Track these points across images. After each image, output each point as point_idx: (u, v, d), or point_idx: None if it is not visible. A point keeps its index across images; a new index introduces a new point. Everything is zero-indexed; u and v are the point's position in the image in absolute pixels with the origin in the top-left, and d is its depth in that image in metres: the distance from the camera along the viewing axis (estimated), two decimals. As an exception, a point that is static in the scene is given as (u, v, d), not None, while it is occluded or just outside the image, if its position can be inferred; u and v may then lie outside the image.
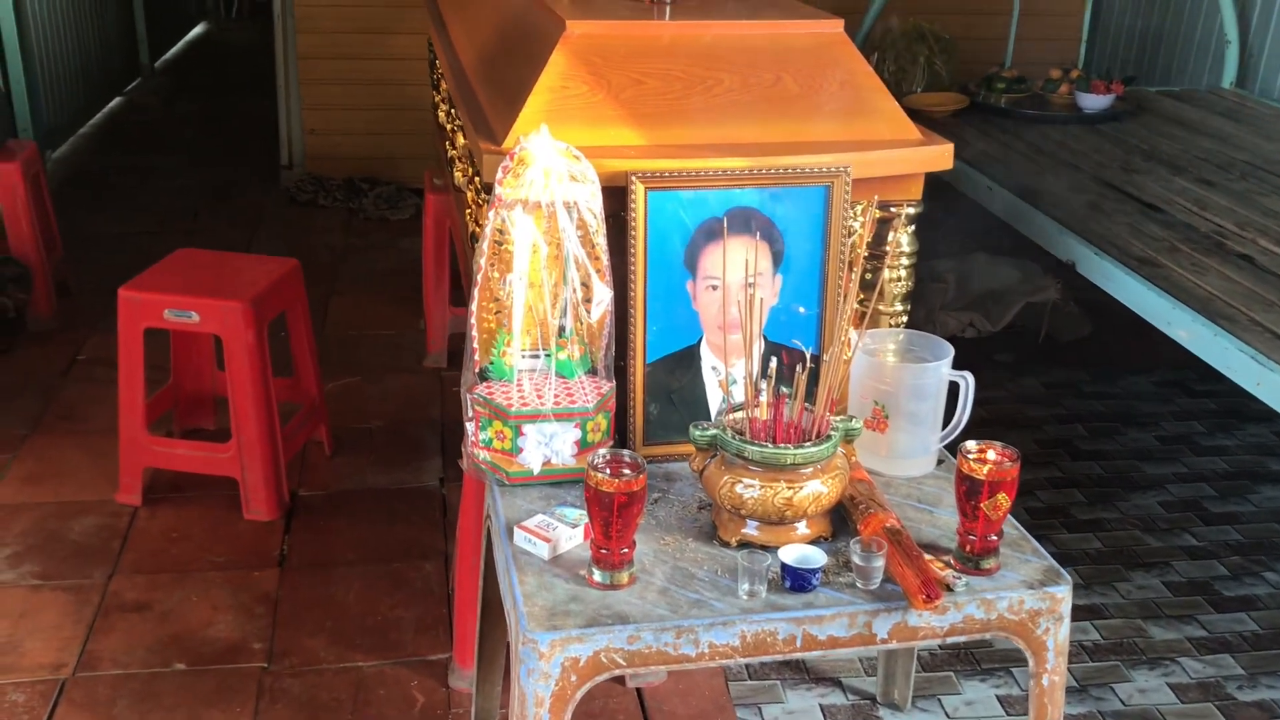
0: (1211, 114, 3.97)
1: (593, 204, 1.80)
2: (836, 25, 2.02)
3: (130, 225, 4.85)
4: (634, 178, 1.81)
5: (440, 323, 3.73)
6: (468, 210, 2.59)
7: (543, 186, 1.79)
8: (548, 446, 1.82)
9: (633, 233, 1.83)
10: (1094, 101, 3.85)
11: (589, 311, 1.84)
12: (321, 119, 5.24)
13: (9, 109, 4.09)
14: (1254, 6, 4.47)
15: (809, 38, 2.01)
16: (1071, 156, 3.46)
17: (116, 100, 6.64)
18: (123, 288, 2.77)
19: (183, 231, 4.80)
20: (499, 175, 1.80)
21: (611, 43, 1.95)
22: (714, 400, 1.93)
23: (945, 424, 1.92)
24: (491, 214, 1.83)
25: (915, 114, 2.17)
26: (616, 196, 1.84)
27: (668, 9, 2.12)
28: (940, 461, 1.93)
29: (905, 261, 2.03)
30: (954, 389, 1.91)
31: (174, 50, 8.04)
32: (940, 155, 1.96)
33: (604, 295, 1.83)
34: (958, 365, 1.90)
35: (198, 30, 8.81)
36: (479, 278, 1.85)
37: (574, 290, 1.83)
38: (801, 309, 1.93)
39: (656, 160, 1.84)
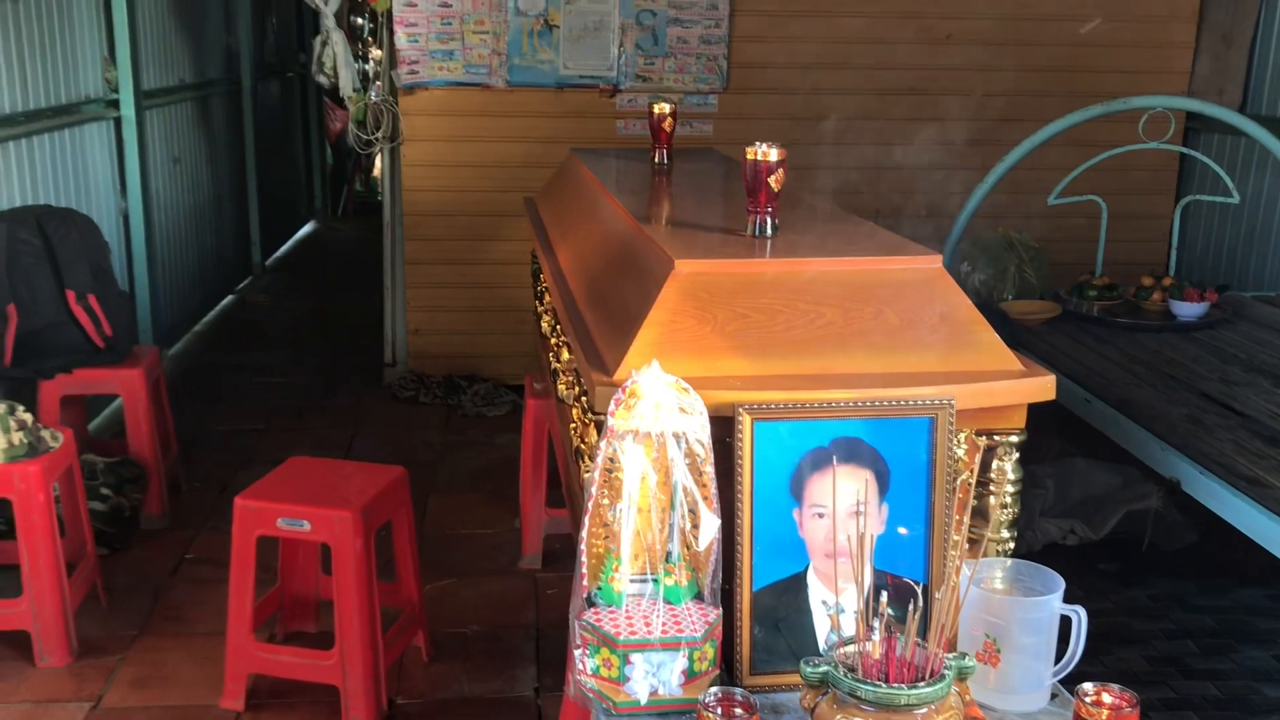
0: (1310, 321, 3.95)
1: (701, 435, 1.86)
2: (935, 260, 2.09)
3: (238, 422, 5.04)
4: (741, 409, 1.87)
5: (536, 524, 3.78)
6: (572, 426, 2.67)
7: (653, 418, 1.85)
8: (655, 676, 1.82)
9: (740, 462, 1.88)
10: (1188, 309, 3.86)
11: (696, 538, 1.87)
12: (425, 319, 5.46)
13: (133, 315, 4.33)
14: (1345, 213, 4.49)
15: (908, 272, 2.08)
16: (1168, 366, 3.46)
17: (228, 298, 7.00)
18: (239, 497, 2.88)
19: (289, 429, 4.98)
20: (611, 407, 1.87)
21: (717, 280, 2.04)
22: (821, 628, 1.93)
23: (1059, 654, 1.89)
24: (603, 444, 1.88)
25: (1008, 321, 2.21)
26: (723, 425, 1.89)
27: (769, 243, 2.22)
28: (1054, 695, 1.89)
29: (1010, 489, 2.03)
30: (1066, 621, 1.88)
31: (283, 249, 8.48)
32: (1042, 387, 1.98)
33: (712, 523, 1.86)
34: (1059, 570, 1.88)
35: (306, 229, 9.30)
36: (589, 504, 1.90)
37: (682, 517, 1.87)
38: (903, 530, 1.94)
39: (762, 392, 1.90)
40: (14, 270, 3.75)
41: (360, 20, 8.92)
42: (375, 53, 10.02)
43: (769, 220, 2.26)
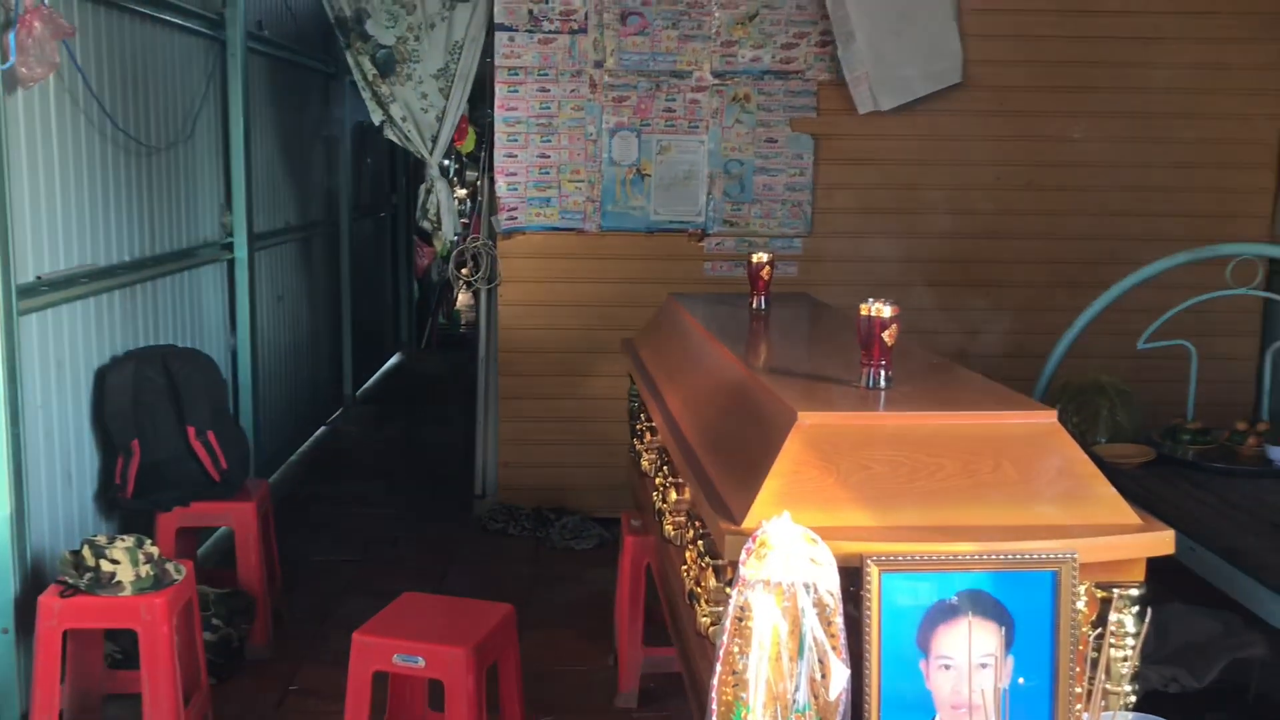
0: None
1: (830, 585, 1.92)
2: (1050, 415, 2.17)
3: (335, 552, 5.16)
4: (869, 561, 1.94)
5: (634, 662, 3.81)
6: (684, 568, 2.74)
7: (784, 569, 1.92)
8: (787, 824, 1.85)
9: (868, 613, 1.94)
10: (1286, 455, 3.86)
11: (826, 688, 1.92)
12: (516, 452, 5.59)
13: (247, 450, 4.51)
14: None
15: (1025, 427, 2.15)
16: (1270, 513, 3.45)
17: (321, 429, 7.21)
18: (357, 633, 2.97)
19: (384, 560, 5.09)
20: (742, 556, 1.95)
21: (840, 432, 2.13)
22: (947, 780, 1.95)
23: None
24: (734, 592, 1.95)
25: (1102, 465, 2.25)
26: (848, 575, 1.95)
27: (883, 395, 2.31)
28: None
29: (1130, 642, 2.06)
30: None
31: (372, 380, 8.74)
32: (1161, 541, 2.03)
33: (842, 673, 1.91)
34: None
35: (393, 361, 9.58)
36: (720, 652, 1.96)
37: (811, 667, 1.92)
38: (1021, 680, 1.97)
39: (887, 543, 1.96)
40: (139, 406, 3.95)
41: (445, 162, 9.33)
42: (459, 192, 10.46)
43: (882, 373, 2.35)
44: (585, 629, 4.39)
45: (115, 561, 3.22)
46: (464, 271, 5.71)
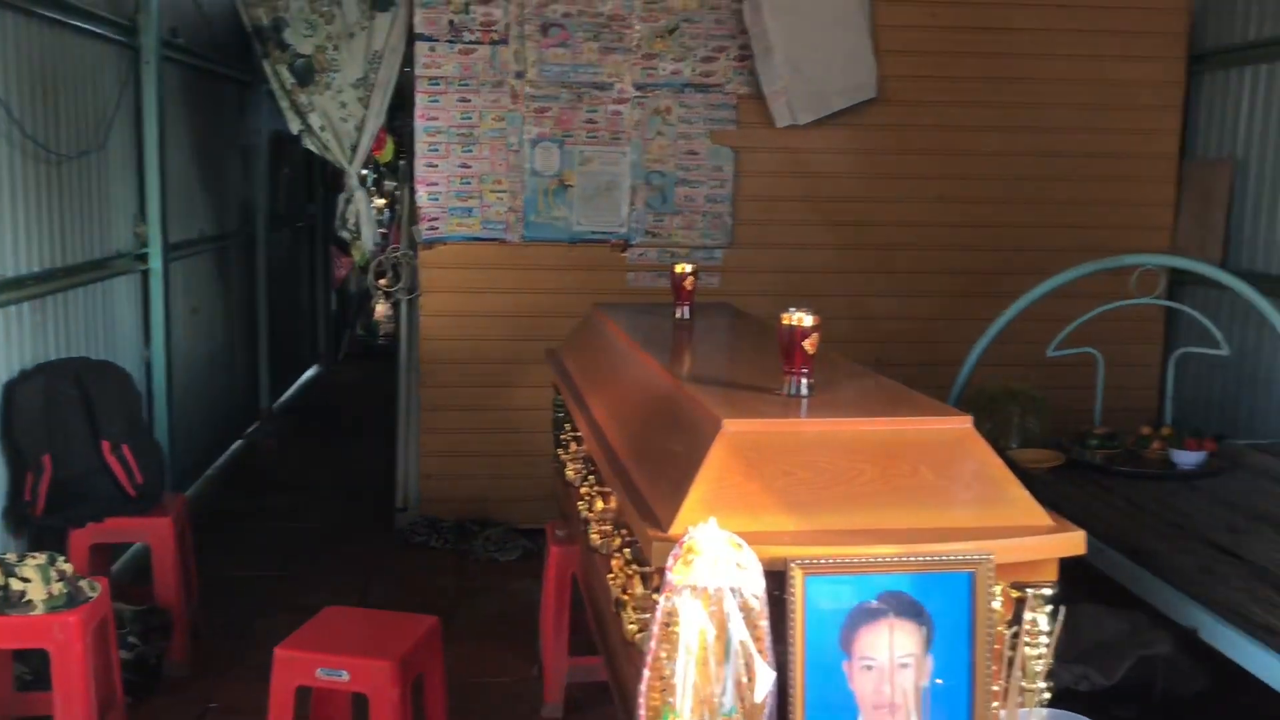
0: (1304, 469, 4.09)
1: (756, 589, 1.96)
2: (965, 421, 2.23)
3: (254, 567, 5.08)
4: (793, 564, 1.98)
5: (559, 672, 3.82)
6: (611, 576, 2.76)
7: (710, 574, 1.95)
8: (715, 826, 1.88)
9: (792, 615, 1.98)
10: (1188, 458, 4.00)
11: (752, 691, 1.95)
12: (438, 464, 5.56)
13: (163, 464, 4.42)
14: (1330, 363, 4.69)
15: (941, 432, 2.22)
16: (1174, 515, 3.58)
17: (238, 442, 7.09)
18: (279, 647, 2.94)
19: (304, 574, 5.02)
20: (669, 562, 1.97)
21: (763, 439, 2.17)
22: (869, 778, 2.00)
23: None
24: (662, 599, 1.98)
25: (1015, 469, 2.32)
26: (773, 578, 1.99)
27: (804, 403, 2.36)
28: (1096, 844, 1.96)
29: (1044, 640, 2.13)
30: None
31: (289, 392, 8.61)
32: (1073, 541, 2.11)
33: (767, 676, 1.95)
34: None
35: (311, 373, 9.45)
36: (648, 658, 1.99)
37: (737, 670, 1.96)
38: (940, 680, 2.03)
39: (812, 547, 2.01)
40: (51, 421, 3.86)
41: (364, 171, 9.25)
42: (378, 202, 10.37)
43: (804, 381, 2.40)
44: (510, 640, 4.38)
45: (26, 580, 3.15)
46: (383, 282, 5.67)
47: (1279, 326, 4.70)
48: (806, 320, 2.38)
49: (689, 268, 3.62)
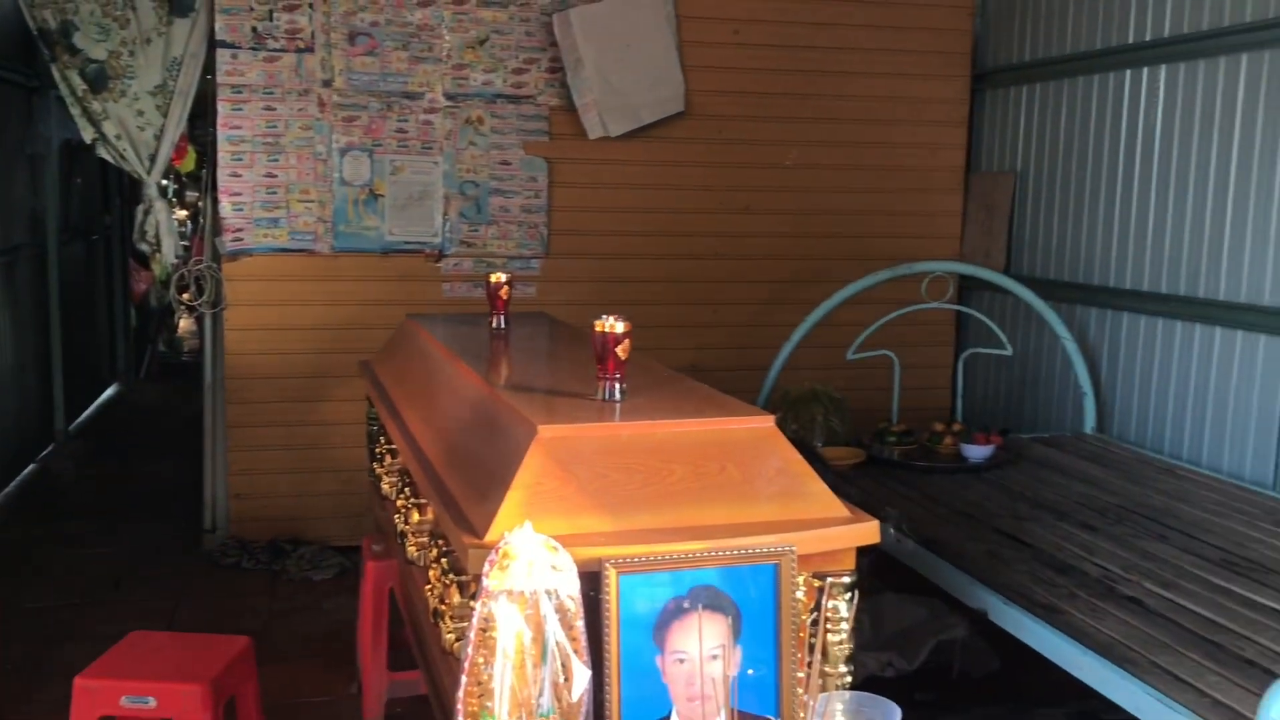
0: (1080, 459, 4.42)
1: (571, 590, 2.00)
2: (768, 420, 2.34)
3: (51, 598, 4.82)
4: (607, 564, 2.03)
5: (378, 688, 3.76)
6: (429, 587, 2.76)
7: (526, 578, 1.99)
8: (535, 825, 1.91)
9: (607, 614, 2.03)
10: (977, 452, 4.27)
11: (569, 691, 2.00)
12: (247, 483, 5.40)
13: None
14: (1101, 361, 5.08)
15: (746, 432, 2.32)
16: (964, 505, 3.81)
17: (30, 467, 6.70)
18: (79, 677, 2.81)
19: (106, 601, 4.79)
20: (485, 568, 2.00)
21: (577, 443, 2.22)
22: (685, 769, 2.07)
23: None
24: (478, 604, 2.00)
25: (822, 467, 2.45)
26: (588, 579, 2.04)
27: (618, 407, 2.42)
28: (897, 816, 2.08)
29: (845, 626, 2.25)
30: (903, 745, 2.08)
31: (87, 413, 8.19)
32: (869, 531, 2.23)
33: (583, 675, 1.99)
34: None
35: (110, 392, 9.01)
36: (465, 664, 2.00)
37: (555, 671, 2.00)
38: (750, 671, 2.12)
39: (625, 546, 2.07)
40: None
41: (164, 182, 8.88)
42: (179, 213, 9.97)
43: (617, 385, 2.47)
44: (327, 659, 4.30)
45: None
46: (186, 296, 5.46)
47: (1057, 328, 5.08)
48: (619, 327, 2.45)
49: (504, 277, 3.64)
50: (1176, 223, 4.66)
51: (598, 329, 2.45)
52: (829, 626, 2.20)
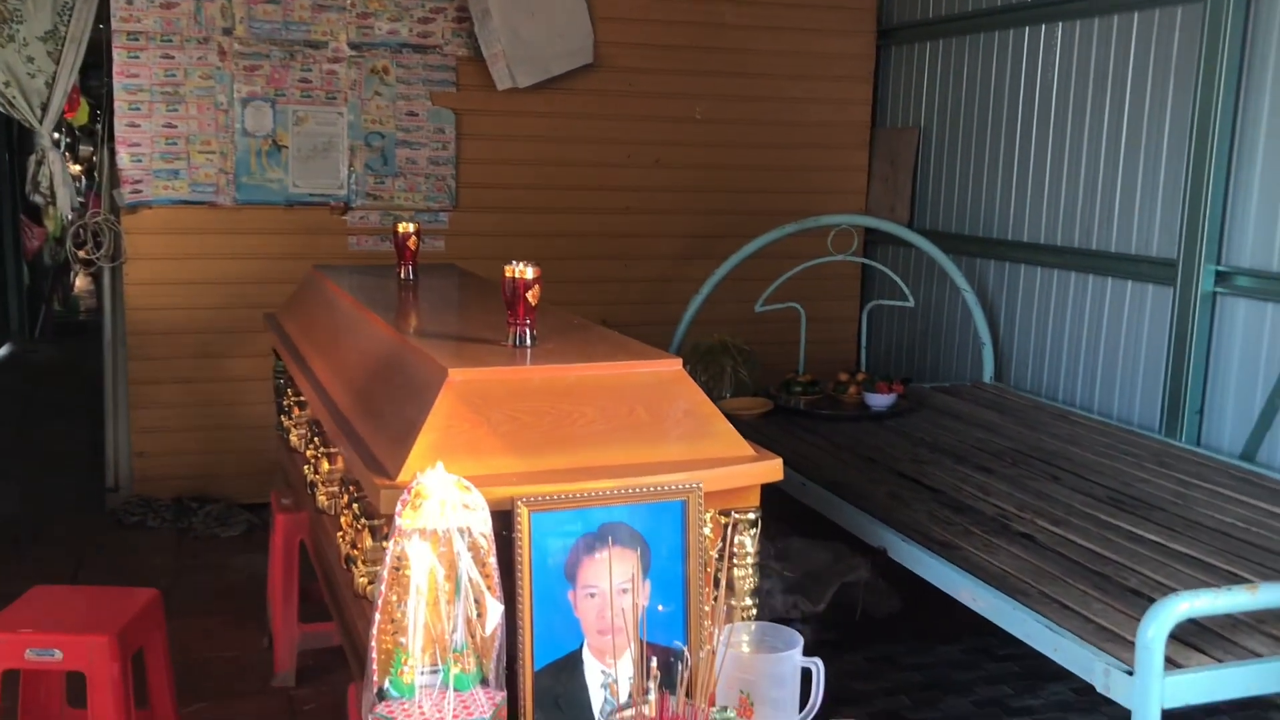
0: (978, 406, 4.57)
1: (484, 528, 2.03)
2: (676, 364, 2.38)
3: (-55, 560, 4.70)
4: (519, 502, 2.06)
5: (290, 640, 3.76)
6: (341, 533, 2.76)
7: (439, 516, 2.01)
8: (449, 759, 1.95)
9: (519, 551, 2.07)
10: (880, 400, 4.39)
11: (483, 626, 2.03)
12: (151, 441, 5.30)
13: None
14: (1000, 312, 5.23)
15: (653, 375, 2.36)
16: (867, 450, 3.92)
17: (-81, 428, 6.49)
18: (-19, 630, 2.76)
19: (5, 561, 4.68)
20: (398, 508, 2.02)
21: (489, 386, 2.24)
22: (596, 700, 2.12)
23: (803, 705, 2.16)
24: (391, 544, 2.02)
25: (730, 418, 2.51)
26: (501, 518, 2.07)
27: (529, 352, 2.45)
28: (801, 740, 2.16)
29: (750, 561, 2.32)
30: (806, 673, 2.16)
31: (-23, 374, 7.95)
32: (772, 468, 2.30)
33: (496, 609, 2.03)
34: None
35: (1, 353, 8.73)
36: (379, 602, 2.02)
37: (468, 607, 2.03)
38: (661, 607, 2.18)
39: (536, 485, 2.10)
40: None
41: (57, 135, 8.59)
42: (74, 168, 9.65)
43: (528, 331, 2.49)
44: (237, 615, 4.27)
45: None
46: (83, 252, 5.31)
47: (958, 280, 5.22)
48: (529, 272, 2.47)
49: (412, 227, 3.62)
50: (1071, 177, 4.81)
51: (508, 274, 2.47)
52: (735, 561, 2.27)
